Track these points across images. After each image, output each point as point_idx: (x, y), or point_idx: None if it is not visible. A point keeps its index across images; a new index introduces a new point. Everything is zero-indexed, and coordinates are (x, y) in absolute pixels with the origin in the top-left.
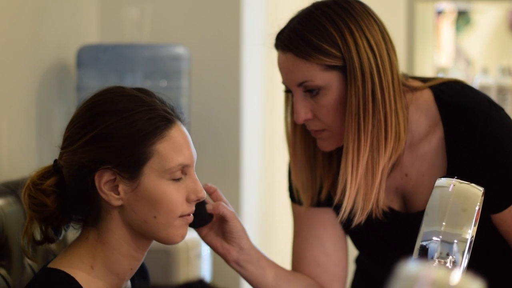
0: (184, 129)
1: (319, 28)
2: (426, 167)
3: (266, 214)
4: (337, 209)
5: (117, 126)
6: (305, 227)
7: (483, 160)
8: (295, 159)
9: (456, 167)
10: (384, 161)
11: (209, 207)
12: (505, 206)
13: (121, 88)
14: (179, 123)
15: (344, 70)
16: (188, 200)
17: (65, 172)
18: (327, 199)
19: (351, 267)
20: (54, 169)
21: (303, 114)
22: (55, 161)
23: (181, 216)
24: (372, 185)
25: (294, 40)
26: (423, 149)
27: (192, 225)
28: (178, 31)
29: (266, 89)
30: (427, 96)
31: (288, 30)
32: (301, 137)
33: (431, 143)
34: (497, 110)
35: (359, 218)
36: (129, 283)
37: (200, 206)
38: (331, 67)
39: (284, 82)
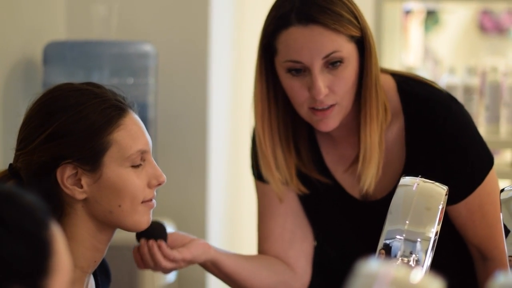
0: (137, 117)
1: (336, 0)
2: (386, 155)
3: (232, 211)
4: (305, 197)
5: (72, 121)
6: (270, 205)
7: (442, 152)
8: (271, 138)
9: (414, 158)
10: (384, 129)
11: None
12: (461, 199)
13: (69, 84)
14: (131, 111)
15: (359, 41)
16: (149, 186)
17: (24, 173)
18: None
19: None
20: (10, 173)
21: (324, 88)
22: (10, 165)
23: (143, 202)
24: (381, 152)
25: (321, 11)
26: (385, 137)
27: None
28: (145, 29)
29: (233, 86)
30: (390, 84)
31: (302, 4)
32: (276, 116)
33: (392, 132)
34: (457, 104)
35: (373, 185)
36: (92, 278)
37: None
38: (353, 38)
39: (300, 59)
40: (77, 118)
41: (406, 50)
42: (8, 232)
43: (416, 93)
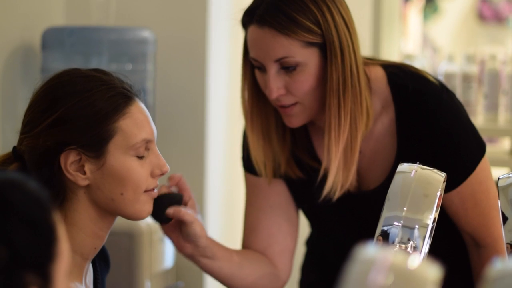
0: (143, 105)
1: (300, 5)
2: (378, 146)
3: (230, 197)
4: (300, 182)
5: (79, 107)
6: (258, 197)
7: (433, 141)
8: (254, 134)
9: (406, 148)
10: (360, 136)
11: (169, 212)
12: (453, 188)
13: (77, 69)
14: (138, 100)
15: (323, 47)
16: (152, 175)
17: (28, 157)
18: (283, 172)
19: (302, 249)
20: (14, 156)
21: (277, 90)
22: (14, 147)
23: (146, 191)
24: (351, 160)
25: (275, 15)
26: (376, 128)
27: (152, 215)
28: (144, 15)
29: (232, 72)
30: (380, 76)
31: (266, 5)
32: (259, 112)
33: (383, 123)
34: (448, 94)
35: (339, 193)
36: (90, 265)
37: (164, 201)
38: (311, 44)
39: (256, 58)
40: (83, 104)
41: (405, 38)
42: (17, 219)
43: (406, 84)
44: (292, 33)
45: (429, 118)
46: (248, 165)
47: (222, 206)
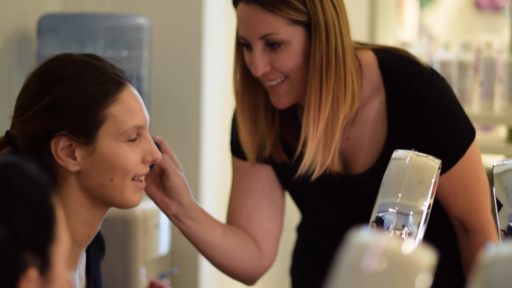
0: (135, 91)
1: None
2: (367, 131)
3: (225, 184)
4: (285, 166)
5: (69, 93)
6: (242, 181)
7: (423, 125)
8: (243, 115)
9: (396, 133)
10: (342, 117)
11: None
12: (443, 172)
13: (70, 55)
14: (130, 85)
15: (308, 25)
16: (143, 162)
17: (19, 141)
18: (269, 156)
19: (293, 236)
20: (6, 140)
21: (262, 67)
22: (7, 132)
23: (134, 180)
24: (331, 140)
25: None
26: (365, 113)
27: None
28: (139, 1)
29: (228, 60)
30: (371, 60)
31: None
32: (249, 94)
33: (373, 108)
34: (438, 78)
35: (318, 172)
36: (84, 252)
37: None
38: (296, 22)
39: (243, 35)
40: (74, 90)
41: (401, 26)
42: (17, 201)
43: (397, 68)
44: (277, 9)
45: (419, 102)
46: (235, 149)
47: (217, 193)
